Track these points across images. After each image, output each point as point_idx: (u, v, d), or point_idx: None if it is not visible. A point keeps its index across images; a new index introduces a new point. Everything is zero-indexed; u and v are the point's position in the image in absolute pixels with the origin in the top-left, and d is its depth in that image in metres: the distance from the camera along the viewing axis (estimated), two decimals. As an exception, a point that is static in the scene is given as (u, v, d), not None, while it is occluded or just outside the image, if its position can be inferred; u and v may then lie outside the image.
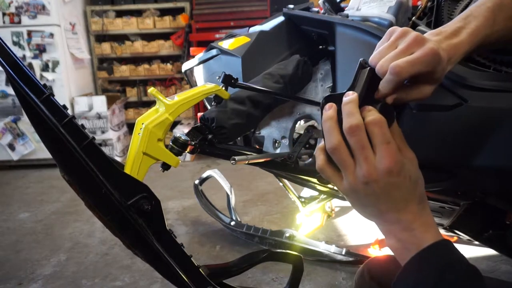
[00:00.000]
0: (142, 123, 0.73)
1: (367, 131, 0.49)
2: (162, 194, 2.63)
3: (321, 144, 0.54)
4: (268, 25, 1.22)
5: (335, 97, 0.51)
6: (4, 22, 3.22)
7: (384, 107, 0.51)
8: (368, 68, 0.51)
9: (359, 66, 0.52)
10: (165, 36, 3.97)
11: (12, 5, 3.20)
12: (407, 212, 0.50)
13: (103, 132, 3.43)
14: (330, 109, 0.51)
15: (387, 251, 1.56)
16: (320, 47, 1.24)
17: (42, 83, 0.63)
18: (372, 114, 0.49)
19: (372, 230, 1.95)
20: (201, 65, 1.28)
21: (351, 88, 0.52)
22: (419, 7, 0.99)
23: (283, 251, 1.01)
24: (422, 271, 0.48)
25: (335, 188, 1.00)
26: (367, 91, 0.51)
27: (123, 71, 4.02)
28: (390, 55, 0.51)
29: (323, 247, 1.74)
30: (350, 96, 0.50)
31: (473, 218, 1.09)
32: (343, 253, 1.71)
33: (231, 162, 0.83)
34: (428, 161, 0.82)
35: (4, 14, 3.21)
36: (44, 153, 3.33)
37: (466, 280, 0.47)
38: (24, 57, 3.25)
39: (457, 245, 0.50)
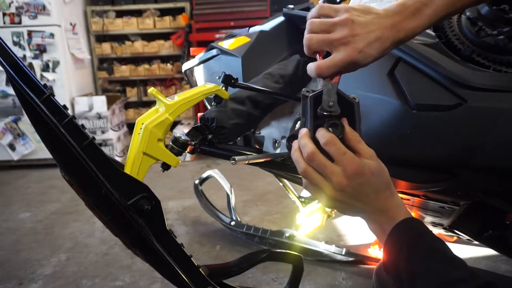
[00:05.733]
0: (142, 123, 0.73)
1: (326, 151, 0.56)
2: (162, 194, 2.63)
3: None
4: (268, 25, 1.22)
5: (295, 135, 0.61)
6: (4, 22, 3.22)
7: (332, 122, 0.58)
8: (309, 96, 0.59)
9: (303, 97, 0.60)
10: (165, 36, 3.97)
11: (12, 5, 3.20)
12: (380, 199, 0.58)
13: (103, 132, 3.43)
14: (294, 145, 0.60)
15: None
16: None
17: (42, 83, 0.63)
18: (323, 136, 0.56)
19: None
20: (201, 65, 1.28)
21: (302, 120, 0.61)
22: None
23: (283, 251, 1.01)
24: (398, 241, 0.55)
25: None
26: (314, 117, 0.59)
27: (123, 71, 4.02)
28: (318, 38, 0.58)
29: (323, 247, 1.75)
30: (302, 132, 0.59)
31: (473, 218, 1.09)
32: (343, 253, 1.71)
33: (231, 162, 0.83)
34: (428, 161, 0.82)
35: (4, 14, 3.21)
36: (44, 153, 3.33)
37: (436, 244, 0.54)
38: (24, 57, 3.25)
39: (457, 245, 0.51)
